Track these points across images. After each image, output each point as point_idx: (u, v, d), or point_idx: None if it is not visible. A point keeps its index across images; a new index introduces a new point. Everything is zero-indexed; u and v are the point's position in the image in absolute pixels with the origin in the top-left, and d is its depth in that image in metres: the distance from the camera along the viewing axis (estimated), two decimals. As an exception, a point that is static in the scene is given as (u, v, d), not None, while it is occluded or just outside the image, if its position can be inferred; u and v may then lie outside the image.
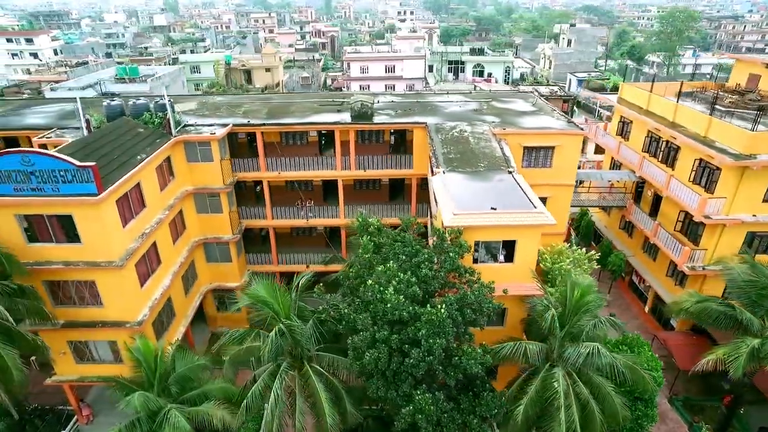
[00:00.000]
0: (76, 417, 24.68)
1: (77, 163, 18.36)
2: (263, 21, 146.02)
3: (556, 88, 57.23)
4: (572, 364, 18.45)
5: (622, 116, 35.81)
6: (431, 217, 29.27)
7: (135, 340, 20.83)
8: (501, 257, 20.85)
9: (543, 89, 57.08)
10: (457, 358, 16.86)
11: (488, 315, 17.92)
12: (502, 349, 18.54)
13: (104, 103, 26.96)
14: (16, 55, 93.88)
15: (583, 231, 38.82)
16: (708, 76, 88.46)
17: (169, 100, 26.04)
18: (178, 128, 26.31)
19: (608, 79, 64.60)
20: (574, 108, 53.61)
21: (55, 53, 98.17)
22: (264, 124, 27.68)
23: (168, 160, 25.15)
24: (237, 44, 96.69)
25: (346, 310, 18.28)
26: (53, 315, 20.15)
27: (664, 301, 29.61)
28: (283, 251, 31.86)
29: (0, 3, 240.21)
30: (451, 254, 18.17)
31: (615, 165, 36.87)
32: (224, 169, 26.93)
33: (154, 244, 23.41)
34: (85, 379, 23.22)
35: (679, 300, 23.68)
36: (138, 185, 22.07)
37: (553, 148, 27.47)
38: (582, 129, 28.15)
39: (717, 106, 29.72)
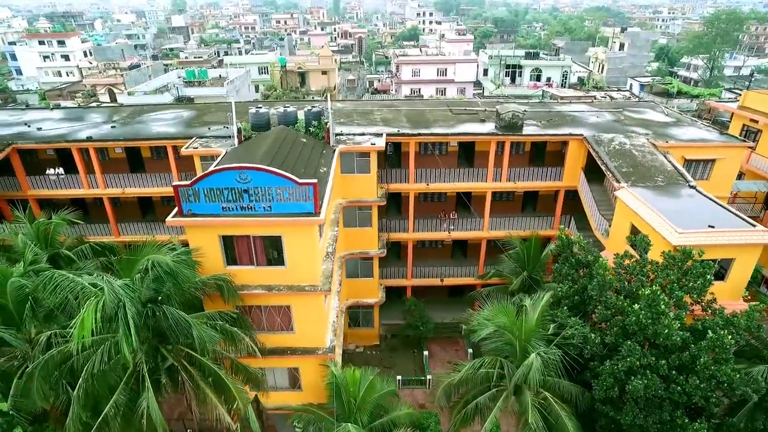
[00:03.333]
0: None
1: (299, 180, 16.90)
2: (285, 22, 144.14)
3: (628, 93, 56.24)
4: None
5: (745, 125, 34.81)
6: (587, 230, 28.14)
7: (329, 367, 19.67)
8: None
9: (615, 94, 56.11)
10: (726, 384, 15.71)
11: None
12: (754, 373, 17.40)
13: (251, 111, 25.45)
14: (47, 57, 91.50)
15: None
16: (752, 79, 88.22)
17: (325, 108, 24.64)
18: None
19: (671, 83, 63.74)
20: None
21: (85, 55, 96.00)
22: (419, 134, 26.33)
23: (329, 172, 23.74)
24: (277, 47, 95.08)
25: (592, 335, 17.13)
26: (262, 344, 18.64)
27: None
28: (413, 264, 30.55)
29: (3, 3, 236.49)
30: (708, 276, 16.96)
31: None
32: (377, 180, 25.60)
33: (326, 263, 21.98)
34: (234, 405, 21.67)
35: None
36: (321, 201, 20.66)
37: (713, 160, 26.47)
38: (744, 141, 27.20)
39: None
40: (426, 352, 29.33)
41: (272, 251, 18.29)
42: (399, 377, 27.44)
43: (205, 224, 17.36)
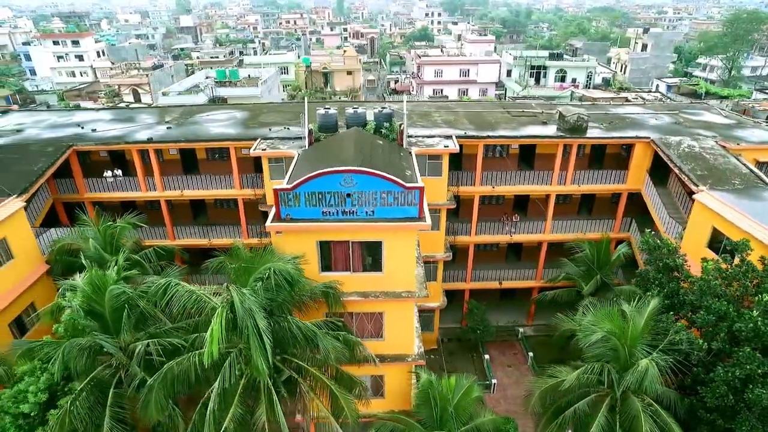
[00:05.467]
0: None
1: (407, 184, 16.51)
2: (294, 22, 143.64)
3: (658, 95, 56.04)
4: None
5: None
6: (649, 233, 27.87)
7: (422, 375, 19.27)
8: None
9: (646, 95, 55.88)
10: None
11: None
12: None
13: (319, 111, 25.01)
14: (61, 57, 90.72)
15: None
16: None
17: (396, 110, 24.25)
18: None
19: (698, 84, 63.61)
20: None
21: (98, 55, 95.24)
22: (488, 137, 25.98)
23: (402, 175, 23.34)
24: (294, 47, 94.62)
25: (700, 340, 16.83)
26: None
27: None
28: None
29: (4, 3, 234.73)
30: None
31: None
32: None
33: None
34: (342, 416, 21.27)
35: None
36: (407, 204, 20.23)
37: (788, 162, 26.22)
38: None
39: None
40: (487, 356, 28.99)
41: (368, 257, 17.88)
42: (463, 382, 27.08)
43: (305, 230, 16.92)
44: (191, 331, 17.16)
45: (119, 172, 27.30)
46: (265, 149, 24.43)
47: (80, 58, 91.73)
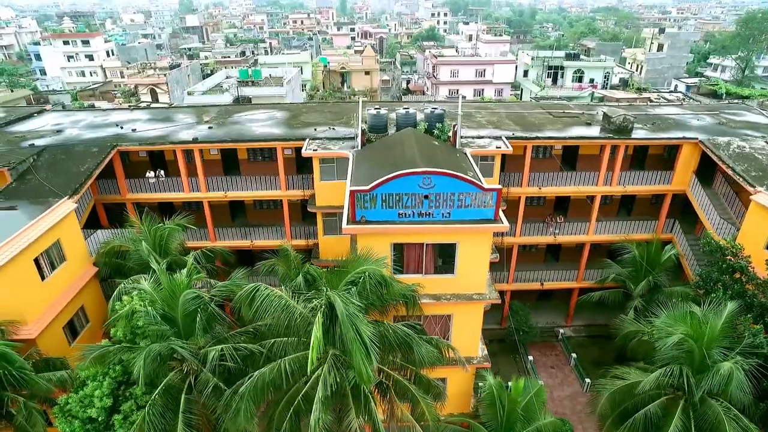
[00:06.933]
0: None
1: (486, 186, 16.29)
2: (301, 22, 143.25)
3: (680, 95, 55.93)
4: None
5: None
6: (691, 234, 27.81)
7: (487, 378, 19.05)
8: None
9: (668, 95, 55.79)
10: None
11: None
12: None
13: (369, 112, 24.75)
14: (71, 57, 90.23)
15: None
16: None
17: (444, 110, 24.02)
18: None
19: (717, 84, 63.54)
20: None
21: (108, 55, 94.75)
22: (537, 138, 25.79)
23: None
24: (308, 47, 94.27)
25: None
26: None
27: None
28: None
29: (5, 3, 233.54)
30: None
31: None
32: (495, 184, 24.97)
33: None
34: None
35: None
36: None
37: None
38: None
39: None
40: (531, 357, 28.81)
41: (440, 259, 17.65)
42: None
43: (382, 232, 16.68)
44: (259, 337, 16.96)
45: (162, 172, 26.99)
46: (315, 150, 24.14)
47: (90, 57, 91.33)
